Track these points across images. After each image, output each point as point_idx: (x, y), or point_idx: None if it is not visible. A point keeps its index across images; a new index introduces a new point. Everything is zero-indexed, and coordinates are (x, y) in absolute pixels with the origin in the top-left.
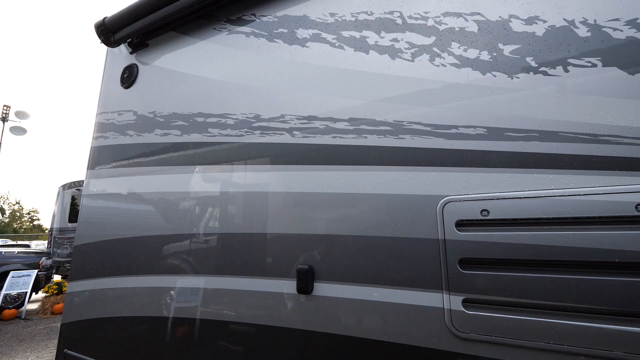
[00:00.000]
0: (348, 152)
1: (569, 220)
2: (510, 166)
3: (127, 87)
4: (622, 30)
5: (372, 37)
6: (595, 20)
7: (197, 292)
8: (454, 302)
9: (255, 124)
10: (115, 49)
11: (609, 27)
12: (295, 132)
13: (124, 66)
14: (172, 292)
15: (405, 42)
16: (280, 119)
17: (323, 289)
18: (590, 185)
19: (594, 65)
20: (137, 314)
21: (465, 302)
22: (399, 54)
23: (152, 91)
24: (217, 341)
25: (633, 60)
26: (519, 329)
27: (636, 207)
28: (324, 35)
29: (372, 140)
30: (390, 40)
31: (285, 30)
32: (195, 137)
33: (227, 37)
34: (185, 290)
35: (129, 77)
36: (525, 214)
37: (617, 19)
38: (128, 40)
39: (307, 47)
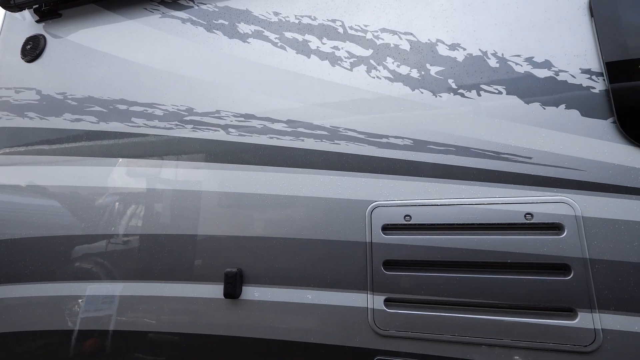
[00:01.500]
0: (285, 153)
1: (475, 226)
2: (430, 176)
3: (30, 61)
4: (522, 65)
5: (314, 42)
6: (502, 54)
7: (112, 301)
8: (377, 301)
9: (187, 118)
10: (17, 14)
11: (512, 62)
12: (230, 130)
13: (28, 36)
14: (81, 301)
15: (345, 51)
16: (216, 115)
17: (252, 292)
18: (491, 196)
19: (500, 93)
20: (34, 328)
21: (386, 302)
22: (339, 62)
23: (63, 69)
24: (134, 353)
25: (528, 91)
26: (433, 324)
27: (525, 216)
28: (266, 33)
29: (309, 144)
30: (332, 48)
31: (226, 23)
32: (115, 126)
33: (160, 20)
34: (96, 299)
35: (33, 49)
36: (441, 220)
37: (518, 55)
38: (35, 7)
39: (248, 42)
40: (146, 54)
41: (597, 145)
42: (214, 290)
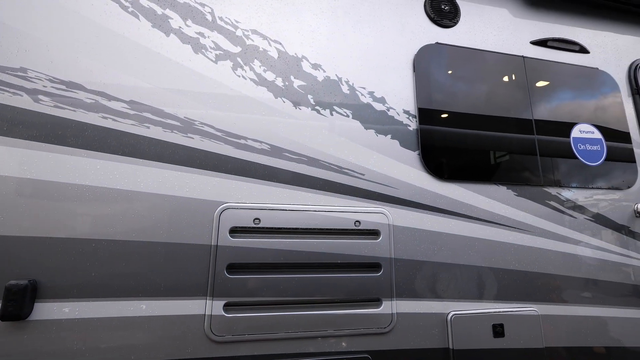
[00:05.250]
0: (122, 139)
1: (316, 230)
2: (282, 182)
3: None
4: (365, 97)
5: (176, 21)
6: (353, 84)
7: None
8: (216, 307)
9: None
10: None
11: (359, 92)
12: (42, 98)
13: None
14: None
15: (212, 41)
16: (19, 73)
17: (49, 310)
18: (331, 204)
19: (347, 116)
20: None
21: (226, 306)
22: (203, 51)
23: None
24: None
25: (367, 119)
26: (272, 324)
27: (354, 223)
28: None
29: (156, 132)
30: (196, 33)
31: None
32: None
33: None
34: None
35: None
36: (287, 224)
37: (364, 88)
38: None
39: None
40: None
41: (407, 170)
42: None
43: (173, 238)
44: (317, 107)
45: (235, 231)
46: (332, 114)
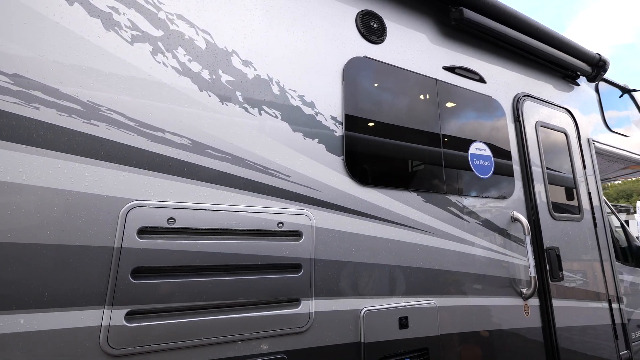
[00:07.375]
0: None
1: (237, 231)
2: (203, 180)
3: None
4: (295, 99)
5: None
6: (283, 85)
7: None
8: (116, 317)
9: None
10: None
11: (289, 94)
12: None
13: None
14: None
15: (128, 19)
16: None
17: None
18: (254, 205)
19: (276, 117)
20: None
21: (128, 315)
22: (117, 28)
23: None
24: None
25: (296, 122)
26: (184, 330)
27: (277, 224)
28: None
29: (47, 115)
30: (109, 7)
31: None
32: None
33: None
34: None
35: None
36: (206, 224)
37: (294, 90)
38: None
39: None
40: None
41: (332, 174)
42: None
43: (64, 239)
44: (246, 105)
45: (144, 232)
46: (260, 114)
